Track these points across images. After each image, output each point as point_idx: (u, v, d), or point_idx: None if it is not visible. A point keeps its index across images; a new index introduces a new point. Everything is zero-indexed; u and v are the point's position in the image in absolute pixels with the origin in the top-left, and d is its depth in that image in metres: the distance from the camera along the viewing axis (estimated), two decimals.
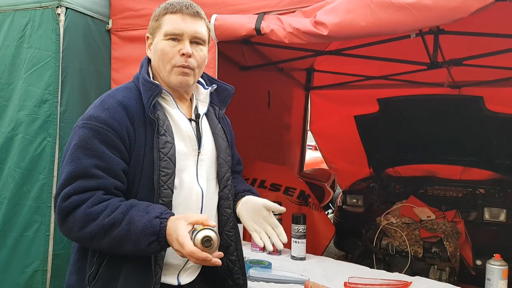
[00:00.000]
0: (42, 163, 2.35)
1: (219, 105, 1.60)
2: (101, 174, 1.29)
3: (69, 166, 1.29)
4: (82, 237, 1.28)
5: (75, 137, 1.33)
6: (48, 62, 2.36)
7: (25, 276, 2.35)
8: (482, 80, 4.73)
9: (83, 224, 1.26)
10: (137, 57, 2.52)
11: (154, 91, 1.38)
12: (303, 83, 5.88)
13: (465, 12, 1.80)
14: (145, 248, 1.25)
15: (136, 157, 1.35)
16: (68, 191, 1.27)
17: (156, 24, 1.45)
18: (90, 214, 1.25)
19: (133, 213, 1.25)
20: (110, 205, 1.27)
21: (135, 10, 2.55)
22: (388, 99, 4.65)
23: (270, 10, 2.25)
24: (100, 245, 1.28)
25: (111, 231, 1.25)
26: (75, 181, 1.28)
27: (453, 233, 3.44)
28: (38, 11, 2.39)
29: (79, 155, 1.29)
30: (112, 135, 1.31)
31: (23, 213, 2.36)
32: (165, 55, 1.41)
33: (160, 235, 1.24)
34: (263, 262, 2.35)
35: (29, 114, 2.37)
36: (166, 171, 1.35)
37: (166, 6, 1.44)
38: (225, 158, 1.55)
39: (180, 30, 1.40)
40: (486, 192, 4.36)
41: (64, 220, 1.28)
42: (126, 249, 1.27)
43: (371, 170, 5.16)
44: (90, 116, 1.34)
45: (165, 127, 1.38)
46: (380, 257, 3.50)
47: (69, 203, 1.27)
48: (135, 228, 1.23)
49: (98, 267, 1.33)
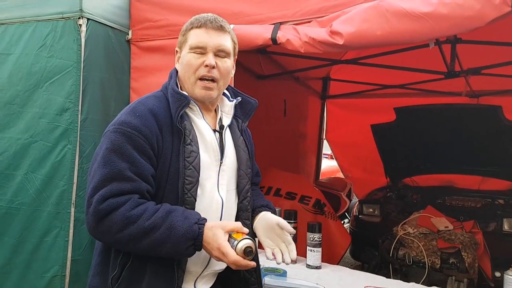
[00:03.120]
0: (62, 170, 2.40)
1: (242, 118, 1.64)
2: (135, 177, 1.33)
3: (102, 168, 1.32)
4: (119, 239, 1.31)
5: (107, 141, 1.36)
6: (69, 71, 2.42)
7: (44, 281, 2.38)
8: (500, 89, 4.67)
9: (123, 227, 1.28)
10: (156, 67, 2.59)
11: (182, 101, 1.43)
12: (319, 92, 5.89)
13: (482, 22, 1.79)
14: (183, 251, 1.31)
15: (163, 164, 1.39)
16: (105, 194, 1.30)
17: (183, 38, 1.51)
18: (130, 217, 1.28)
19: (173, 218, 1.30)
20: (148, 209, 1.31)
21: (154, 21, 2.60)
22: (405, 108, 4.62)
23: (286, 20, 2.27)
24: (137, 247, 1.31)
25: (151, 234, 1.28)
26: (109, 183, 1.30)
27: (471, 244, 3.39)
28: (60, 22, 2.46)
29: (112, 158, 1.32)
30: (143, 142, 1.35)
31: (43, 219, 2.41)
32: (190, 66, 1.46)
33: (197, 240, 1.30)
34: (278, 270, 2.35)
35: (50, 122, 2.42)
36: (191, 179, 1.39)
37: (192, 21, 1.50)
38: (245, 170, 1.59)
39: (204, 43, 1.45)
40: (506, 203, 4.28)
41: (100, 222, 1.30)
42: (164, 251, 1.31)
43: (388, 179, 5.12)
44: (122, 122, 1.37)
45: (191, 136, 1.42)
46: (396, 267, 3.47)
47: (107, 205, 1.29)
48: (176, 232, 1.29)
49: (121, 269, 1.36)
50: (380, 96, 5.43)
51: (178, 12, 2.52)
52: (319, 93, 5.91)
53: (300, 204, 3.88)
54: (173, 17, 2.54)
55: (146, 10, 2.63)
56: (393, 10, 1.93)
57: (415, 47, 3.35)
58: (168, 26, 2.55)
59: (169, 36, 2.55)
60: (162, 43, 2.58)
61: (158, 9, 2.59)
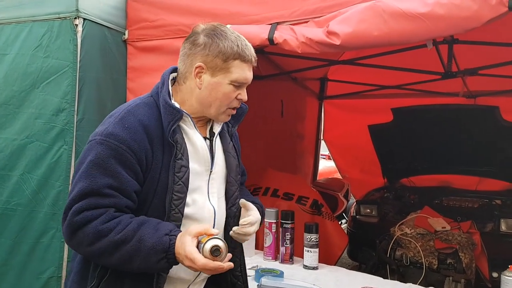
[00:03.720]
0: (58, 171, 2.39)
1: (232, 122, 1.61)
2: (115, 193, 1.29)
3: (83, 182, 1.29)
4: (90, 252, 1.29)
5: (92, 152, 1.31)
6: (65, 71, 2.41)
7: (40, 282, 2.38)
8: (497, 89, 4.67)
9: (93, 240, 1.26)
10: (152, 67, 2.58)
11: (175, 116, 1.38)
12: (316, 92, 5.88)
13: (478, 22, 1.80)
14: (154, 265, 1.26)
15: (151, 179, 1.35)
16: (80, 207, 1.27)
17: (224, 65, 1.40)
18: (101, 230, 1.25)
19: (143, 231, 1.26)
20: (121, 222, 1.27)
21: (150, 21, 2.60)
22: (402, 109, 4.62)
23: (283, 20, 2.27)
24: (109, 261, 1.29)
25: (121, 248, 1.25)
26: (87, 197, 1.28)
27: (468, 245, 3.39)
28: (56, 22, 2.45)
29: (94, 172, 1.29)
30: (130, 157, 1.31)
31: (39, 219, 2.40)
32: (228, 99, 1.43)
33: (169, 252, 1.25)
34: (275, 271, 2.35)
35: (46, 122, 2.42)
36: (179, 195, 1.37)
37: (239, 52, 1.40)
38: (235, 177, 1.57)
39: (246, 80, 1.45)
40: (503, 203, 4.28)
41: (74, 235, 1.28)
42: (135, 266, 1.27)
43: (385, 180, 5.12)
44: (109, 134, 1.32)
45: (182, 150, 1.39)
46: (394, 268, 3.47)
47: (81, 218, 1.26)
48: (145, 245, 1.24)
49: (99, 282, 1.34)
50: (378, 97, 5.43)
51: (175, 12, 2.52)
52: (316, 94, 5.90)
53: (298, 205, 3.87)
54: (170, 17, 2.53)
55: (143, 10, 2.62)
56: (390, 11, 1.93)
57: (412, 47, 3.35)
58: (165, 26, 2.55)
59: (166, 36, 2.54)
60: (159, 43, 2.57)
61: (154, 9, 2.59)
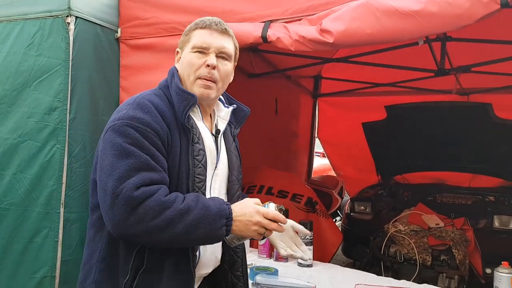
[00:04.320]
0: (51, 170, 2.38)
1: (235, 124, 1.64)
2: (160, 168, 1.32)
3: (125, 159, 1.27)
4: (154, 227, 1.25)
5: (118, 135, 1.30)
6: (58, 70, 2.39)
7: (33, 282, 2.36)
8: (490, 87, 4.70)
9: (159, 212, 1.25)
10: (146, 65, 2.57)
11: (189, 100, 1.41)
12: (310, 90, 5.89)
13: (471, 19, 1.80)
14: (217, 231, 1.31)
15: (172, 163, 1.37)
16: (136, 182, 1.25)
17: (186, 38, 1.50)
18: (165, 202, 1.27)
19: (203, 200, 1.33)
20: (178, 195, 1.31)
21: (143, 18, 2.58)
22: (396, 106, 4.64)
23: (276, 18, 2.27)
24: (172, 232, 1.27)
25: (187, 216, 1.27)
26: (138, 172, 1.27)
27: (462, 241, 3.41)
28: (48, 20, 2.43)
29: (134, 150, 1.29)
30: (155, 139, 1.33)
31: (32, 219, 2.38)
32: (192, 66, 1.45)
33: (229, 218, 1.32)
34: (269, 269, 2.35)
35: (38, 121, 2.40)
36: (201, 177, 1.41)
37: (196, 22, 1.50)
38: (237, 176, 1.60)
39: (207, 44, 1.45)
40: (496, 200, 4.32)
41: (134, 211, 1.24)
42: (198, 233, 1.29)
43: (379, 177, 5.15)
44: (132, 117, 1.33)
45: (198, 135, 1.43)
46: (388, 264, 3.49)
47: (141, 193, 1.25)
48: (210, 210, 1.30)
49: (134, 274, 1.33)
50: (371, 94, 5.44)
51: (168, 9, 2.51)
52: (310, 92, 5.91)
53: (292, 203, 3.88)
54: (163, 15, 2.52)
55: (135, 7, 2.61)
56: (382, 8, 1.94)
57: (405, 45, 3.35)
58: (157, 24, 2.54)
59: (159, 34, 2.53)
60: (151, 41, 2.56)
61: (147, 6, 2.57)
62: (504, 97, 4.58)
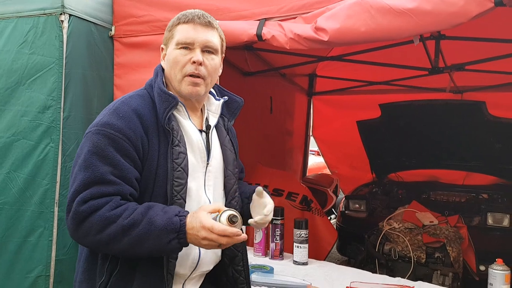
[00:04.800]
0: (45, 169, 2.36)
1: (228, 117, 1.61)
2: (117, 181, 1.29)
3: (84, 172, 1.28)
4: (99, 241, 1.27)
5: (88, 143, 1.31)
6: (51, 68, 2.38)
7: (28, 281, 2.35)
8: (484, 85, 4.73)
9: (102, 227, 1.25)
10: (140, 63, 2.56)
11: (170, 102, 1.39)
12: (305, 88, 5.90)
13: (465, 17, 1.81)
14: (165, 246, 1.26)
15: (149, 167, 1.35)
16: (85, 196, 1.26)
17: (169, 34, 1.46)
18: (109, 217, 1.25)
19: (152, 213, 1.27)
20: (128, 208, 1.28)
21: (137, 16, 2.57)
22: (390, 105, 4.65)
23: (271, 16, 2.26)
24: (118, 247, 1.27)
25: (131, 232, 1.25)
26: (91, 187, 1.27)
27: (456, 238, 3.43)
28: (41, 18, 2.42)
29: (94, 161, 1.28)
30: (126, 144, 1.31)
31: (26, 218, 2.37)
32: (177, 63, 1.42)
33: (180, 232, 1.26)
34: (265, 267, 2.35)
35: (32, 120, 2.38)
36: (180, 181, 1.36)
37: (179, 17, 1.46)
38: (232, 170, 1.56)
39: (191, 39, 1.41)
40: (490, 197, 4.34)
41: (80, 225, 1.27)
42: (145, 249, 1.27)
43: (373, 175, 5.16)
44: (104, 123, 1.32)
45: (179, 137, 1.39)
46: (382, 262, 3.49)
47: (87, 207, 1.25)
48: (156, 226, 1.25)
49: (109, 276, 1.33)
50: (366, 93, 5.46)
51: (162, 7, 2.50)
52: (305, 90, 5.92)
53: (287, 201, 3.89)
54: (157, 12, 2.51)
55: (130, 5, 2.60)
56: (377, 6, 1.94)
57: (400, 43, 3.37)
58: (152, 21, 2.53)
59: (153, 32, 2.52)
60: (146, 39, 2.55)
61: (141, 4, 2.56)
62: (498, 95, 4.61)
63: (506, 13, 1.89)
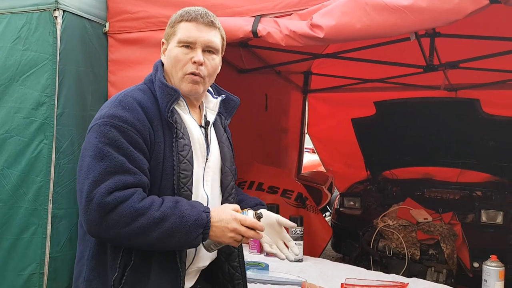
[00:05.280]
0: (39, 166, 2.34)
1: (225, 115, 1.62)
2: (136, 170, 1.29)
3: (100, 162, 1.26)
4: (127, 233, 1.25)
5: (97, 135, 1.30)
6: (45, 64, 2.36)
7: (21, 279, 2.33)
8: (478, 82, 4.75)
9: (132, 219, 1.24)
10: (135, 59, 2.55)
11: (172, 95, 1.39)
12: (300, 86, 5.90)
13: (460, 14, 1.81)
14: (192, 240, 1.30)
15: (156, 159, 1.36)
16: (109, 187, 1.24)
17: (171, 30, 1.46)
18: (139, 209, 1.25)
19: (181, 207, 1.29)
20: (155, 200, 1.29)
21: (132, 12, 2.56)
22: (385, 102, 4.67)
23: (266, 13, 2.25)
24: (147, 240, 1.27)
25: (162, 225, 1.26)
26: (111, 176, 1.26)
27: (450, 235, 3.44)
28: (35, 14, 2.39)
29: (110, 151, 1.27)
30: (136, 137, 1.32)
31: (20, 215, 2.35)
32: (178, 62, 1.42)
33: (206, 227, 1.30)
34: (260, 264, 2.35)
35: (26, 116, 2.36)
36: (186, 173, 1.38)
37: (182, 14, 1.45)
38: (230, 167, 1.58)
39: (193, 38, 1.42)
40: (483, 195, 4.37)
41: (106, 217, 1.24)
42: (173, 242, 1.29)
43: (368, 172, 5.18)
44: (112, 115, 1.32)
45: (182, 130, 1.41)
46: (377, 259, 3.51)
47: (113, 198, 1.24)
48: (187, 221, 1.28)
49: (123, 270, 1.32)
50: (361, 90, 5.47)
51: (157, 3, 2.48)
52: (300, 87, 5.92)
53: (282, 198, 3.89)
54: (152, 8, 2.49)
55: (124, 1, 2.57)
56: (372, 3, 1.94)
57: (395, 41, 3.37)
58: (147, 18, 2.51)
59: (148, 28, 2.50)
60: (140, 35, 2.53)
61: (136, 0, 2.54)
62: (492, 93, 4.63)
63: (501, 10, 1.89)
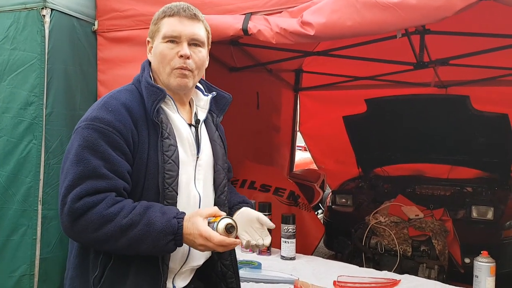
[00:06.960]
0: (28, 166, 2.32)
1: (217, 113, 1.61)
2: (110, 175, 1.29)
3: (76, 167, 1.27)
4: (96, 239, 1.27)
5: (79, 137, 1.31)
6: (33, 64, 2.33)
7: (12, 281, 2.31)
8: (468, 79, 4.78)
9: (100, 226, 1.25)
10: (124, 58, 2.53)
11: (158, 95, 1.39)
12: (292, 84, 5.90)
13: (450, 11, 1.82)
14: (162, 247, 1.28)
15: (140, 160, 1.35)
16: (80, 192, 1.25)
17: (155, 27, 1.46)
18: (107, 215, 1.25)
19: (150, 214, 1.27)
20: (125, 206, 1.28)
21: (121, 11, 2.53)
22: (376, 100, 4.68)
23: (257, 10, 2.25)
24: (115, 246, 1.28)
25: (129, 232, 1.25)
26: (84, 181, 1.26)
27: (441, 232, 3.47)
28: (23, 13, 2.36)
29: (85, 155, 1.28)
30: (117, 137, 1.31)
31: (9, 217, 2.33)
32: (164, 57, 1.42)
33: (177, 234, 1.27)
34: (253, 263, 2.35)
35: (14, 116, 2.33)
36: (171, 173, 1.37)
37: (164, 10, 1.45)
38: (222, 165, 1.57)
39: (177, 33, 1.41)
40: (474, 191, 4.40)
41: (76, 222, 1.26)
42: (142, 249, 1.28)
43: (359, 170, 5.19)
44: (94, 118, 1.32)
45: (168, 130, 1.40)
46: (369, 256, 3.52)
47: (82, 204, 1.25)
48: (154, 228, 1.26)
49: (103, 269, 1.33)
50: (352, 88, 5.49)
51: (146, 1, 2.46)
52: (292, 85, 5.92)
53: (275, 196, 3.89)
54: (141, 6, 2.48)
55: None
56: (362, 1, 1.94)
57: (385, 38, 3.38)
58: (136, 16, 2.49)
59: (137, 26, 2.48)
60: (130, 34, 2.51)
61: None
62: (482, 90, 4.67)
63: (490, 7, 1.90)
